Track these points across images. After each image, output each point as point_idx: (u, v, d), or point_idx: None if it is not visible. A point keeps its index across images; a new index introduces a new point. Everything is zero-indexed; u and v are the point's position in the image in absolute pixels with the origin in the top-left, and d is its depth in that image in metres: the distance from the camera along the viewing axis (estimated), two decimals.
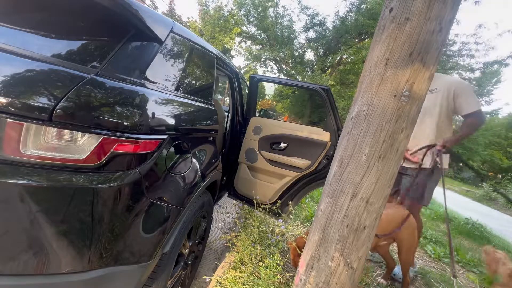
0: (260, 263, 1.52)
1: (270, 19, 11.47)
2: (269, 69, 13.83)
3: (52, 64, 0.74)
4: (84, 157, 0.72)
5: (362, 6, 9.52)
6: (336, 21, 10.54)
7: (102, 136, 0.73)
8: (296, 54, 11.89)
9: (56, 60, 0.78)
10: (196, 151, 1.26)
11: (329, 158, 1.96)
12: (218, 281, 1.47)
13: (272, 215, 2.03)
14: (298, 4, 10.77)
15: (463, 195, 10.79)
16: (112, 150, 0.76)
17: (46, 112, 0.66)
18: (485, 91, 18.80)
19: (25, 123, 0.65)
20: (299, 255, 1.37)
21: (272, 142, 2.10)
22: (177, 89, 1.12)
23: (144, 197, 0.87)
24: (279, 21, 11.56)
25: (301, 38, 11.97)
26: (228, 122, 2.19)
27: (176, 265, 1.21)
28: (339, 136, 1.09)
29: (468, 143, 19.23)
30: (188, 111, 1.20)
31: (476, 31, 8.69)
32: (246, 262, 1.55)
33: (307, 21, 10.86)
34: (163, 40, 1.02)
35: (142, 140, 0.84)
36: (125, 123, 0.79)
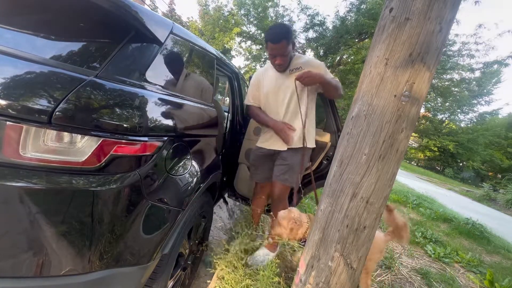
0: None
1: (270, 19, 11.45)
2: None
3: (51, 66, 0.74)
4: (84, 159, 0.72)
5: (362, 6, 9.49)
6: (336, 21, 10.50)
7: (102, 138, 0.73)
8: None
9: (55, 62, 0.78)
10: (196, 152, 1.26)
11: (329, 159, 1.95)
12: (218, 277, 1.46)
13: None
14: (298, 4, 10.69)
15: (463, 195, 10.77)
16: (111, 152, 0.75)
17: (45, 115, 0.66)
18: (485, 91, 18.81)
19: (24, 126, 0.65)
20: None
21: None
22: (176, 90, 1.12)
23: (144, 199, 0.86)
24: (279, 21, 11.54)
25: (301, 38, 11.92)
26: (228, 122, 2.19)
27: (176, 265, 1.21)
28: (339, 136, 1.09)
29: (468, 143, 19.23)
30: (188, 112, 1.20)
31: (476, 31, 8.66)
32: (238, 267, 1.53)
33: (307, 21, 10.83)
34: (162, 42, 1.02)
35: (142, 142, 0.84)
36: (125, 125, 0.79)
